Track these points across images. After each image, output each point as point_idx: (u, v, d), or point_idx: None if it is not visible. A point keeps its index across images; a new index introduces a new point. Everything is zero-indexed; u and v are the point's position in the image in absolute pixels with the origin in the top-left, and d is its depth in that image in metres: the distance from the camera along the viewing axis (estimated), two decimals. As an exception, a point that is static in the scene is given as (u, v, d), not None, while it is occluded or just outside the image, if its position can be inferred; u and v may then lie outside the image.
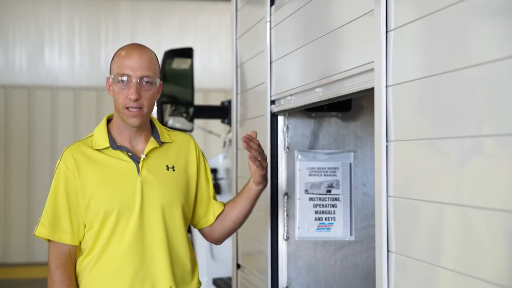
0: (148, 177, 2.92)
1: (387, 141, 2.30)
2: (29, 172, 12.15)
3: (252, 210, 3.15)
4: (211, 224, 3.16)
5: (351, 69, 2.68)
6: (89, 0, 12.64)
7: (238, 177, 4.47)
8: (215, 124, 8.98)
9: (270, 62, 3.72)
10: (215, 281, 6.16)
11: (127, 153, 2.93)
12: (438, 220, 2.02)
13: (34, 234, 2.99)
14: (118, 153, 2.94)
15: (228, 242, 5.44)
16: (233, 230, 3.19)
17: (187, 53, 6.38)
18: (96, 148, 2.95)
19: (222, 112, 7.02)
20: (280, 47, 3.63)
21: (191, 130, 6.44)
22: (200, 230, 3.21)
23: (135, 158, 2.93)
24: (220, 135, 7.47)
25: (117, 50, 2.96)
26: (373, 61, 2.39)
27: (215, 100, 10.81)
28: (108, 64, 2.97)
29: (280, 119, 3.70)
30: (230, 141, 6.13)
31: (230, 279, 5.23)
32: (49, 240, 2.97)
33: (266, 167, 3.08)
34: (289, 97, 3.46)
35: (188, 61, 6.35)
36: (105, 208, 2.88)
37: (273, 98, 3.69)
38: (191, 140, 3.15)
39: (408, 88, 2.19)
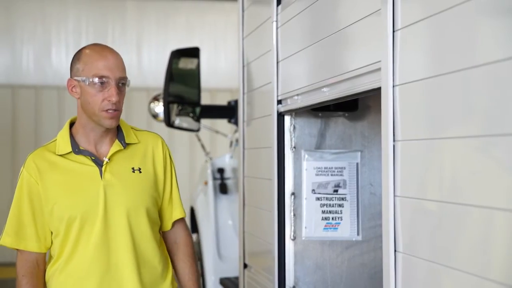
0: (112, 181, 2.86)
1: (394, 140, 2.29)
2: (36, 172, 12.17)
3: None
4: (169, 231, 3.11)
5: (358, 68, 2.68)
6: (96, 0, 12.64)
7: (245, 176, 4.47)
8: (222, 124, 8.98)
9: (277, 62, 3.71)
10: (222, 281, 6.15)
11: (90, 157, 2.87)
12: (445, 220, 2.01)
13: None
14: (80, 157, 2.87)
15: (235, 242, 5.45)
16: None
17: (193, 53, 6.37)
18: (58, 154, 2.89)
19: (228, 111, 7.00)
20: (286, 47, 3.62)
21: (197, 130, 6.43)
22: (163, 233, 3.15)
23: (99, 162, 2.87)
24: (226, 135, 7.46)
25: (83, 50, 2.86)
26: (380, 61, 2.38)
27: (222, 100, 10.79)
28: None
29: (287, 118, 3.70)
30: (236, 140, 6.12)
31: (237, 278, 5.22)
32: (16, 249, 2.93)
33: None
34: (296, 97, 3.46)
35: (195, 61, 6.34)
36: (68, 214, 2.84)
37: (279, 98, 3.69)
38: (158, 140, 3.06)
39: (415, 88, 2.19)
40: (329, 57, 3.04)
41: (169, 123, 6.13)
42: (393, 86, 2.30)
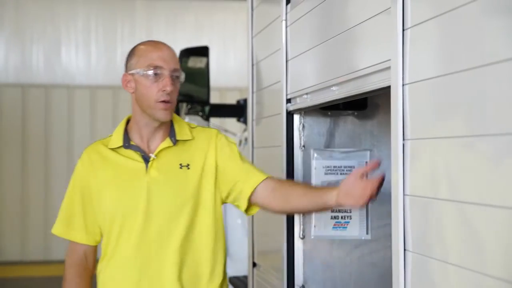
0: (156, 177, 2.83)
1: (403, 139, 2.29)
2: (46, 171, 12.19)
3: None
4: (257, 193, 2.91)
5: (367, 67, 2.67)
6: (105, 0, 12.66)
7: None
8: (231, 123, 8.98)
9: (286, 61, 3.71)
10: (231, 280, 6.16)
11: (139, 152, 2.86)
12: (455, 219, 2.01)
13: (51, 232, 2.98)
14: (129, 152, 2.88)
15: (244, 241, 5.45)
16: (297, 214, 3.01)
17: (203, 51, 6.38)
18: (110, 147, 2.90)
19: (238, 110, 7.01)
20: (296, 46, 3.62)
21: (206, 129, 6.43)
22: (258, 206, 2.97)
23: (146, 158, 2.86)
24: (236, 134, 7.47)
25: (138, 46, 2.88)
26: (389, 60, 2.38)
27: (231, 99, 10.81)
28: (124, 63, 2.92)
29: (296, 117, 3.69)
30: (246, 139, 6.13)
31: (246, 277, 5.22)
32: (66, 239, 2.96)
33: (366, 204, 2.81)
34: (305, 96, 3.45)
35: (204, 59, 6.35)
36: (111, 209, 2.84)
37: (289, 97, 3.68)
38: (212, 133, 3.00)
39: (425, 87, 2.18)
40: (338, 55, 3.03)
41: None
42: (403, 85, 2.29)
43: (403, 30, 2.29)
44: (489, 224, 1.83)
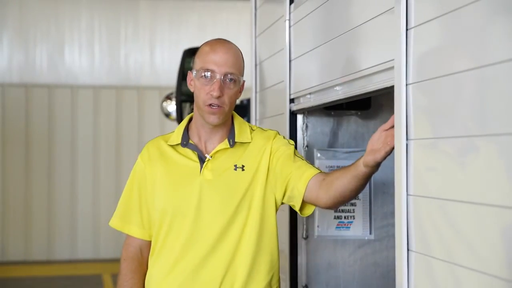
0: (210, 178, 2.80)
1: (407, 139, 2.29)
2: (50, 171, 12.19)
3: (364, 187, 2.79)
4: (309, 192, 2.77)
5: (371, 67, 2.67)
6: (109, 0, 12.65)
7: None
8: (234, 123, 8.99)
9: (290, 61, 3.71)
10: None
11: (196, 152, 2.85)
12: (459, 219, 2.00)
13: (108, 224, 2.99)
14: (186, 151, 2.86)
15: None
16: (344, 199, 2.75)
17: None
18: (170, 144, 2.89)
19: (241, 110, 6.98)
20: (299, 45, 3.62)
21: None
22: (310, 203, 2.84)
23: (202, 158, 2.84)
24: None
25: (202, 45, 2.87)
26: (393, 59, 2.38)
27: (234, 99, 10.80)
28: (127, 63, 2.92)
29: (299, 117, 3.70)
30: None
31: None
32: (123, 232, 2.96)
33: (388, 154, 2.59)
34: (309, 96, 3.45)
35: (207, 59, 6.35)
36: (162, 206, 2.84)
37: (292, 97, 3.68)
38: (270, 135, 2.93)
39: (428, 86, 2.18)
40: (342, 55, 3.03)
41: (180, 122, 6.14)
42: (406, 85, 2.29)
43: (407, 29, 2.29)
44: (493, 225, 1.82)
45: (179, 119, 6.12)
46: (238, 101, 7.43)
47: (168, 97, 7.15)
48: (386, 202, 3.76)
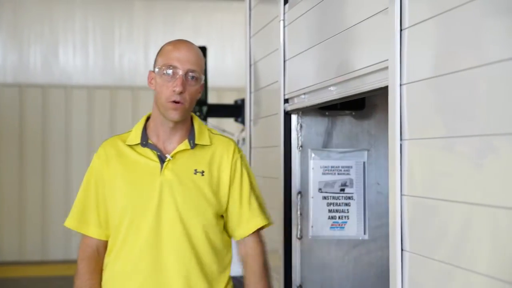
0: (170, 179, 2.78)
1: (401, 139, 2.29)
2: (44, 171, 12.14)
3: None
4: (239, 240, 2.90)
5: (364, 67, 2.67)
6: (102, 0, 12.59)
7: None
8: (229, 123, 8.94)
9: (284, 61, 3.70)
10: (229, 280, 6.11)
11: (156, 152, 2.82)
12: (453, 219, 2.00)
13: (63, 224, 2.94)
14: (146, 150, 2.83)
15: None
16: None
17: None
18: (128, 144, 2.86)
19: (235, 110, 6.98)
20: (293, 46, 3.61)
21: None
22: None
23: (162, 158, 2.81)
24: (233, 134, 7.45)
25: (165, 44, 2.85)
26: (387, 60, 2.38)
27: (229, 99, 10.76)
28: (121, 64, 2.90)
29: (294, 117, 3.68)
30: (243, 139, 6.11)
31: (243, 277, 5.19)
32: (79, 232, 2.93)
33: None
34: (303, 96, 3.45)
35: (202, 60, 6.31)
36: (122, 205, 2.81)
37: (286, 97, 3.67)
38: (230, 145, 2.88)
39: (422, 87, 2.18)
40: (336, 56, 3.03)
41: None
42: (400, 85, 2.29)
43: (401, 30, 2.29)
44: (486, 224, 1.83)
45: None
46: (232, 101, 7.43)
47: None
48: (380, 202, 3.74)
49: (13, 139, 12.09)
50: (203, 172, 2.82)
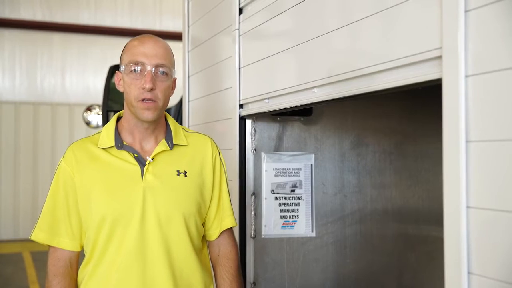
0: (153, 183, 1.80)
1: (466, 141, 1.36)
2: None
3: None
4: (214, 241, 1.99)
5: (313, 80, 1.73)
6: (28, 34, 11.17)
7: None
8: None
9: (239, 68, 2.70)
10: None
11: (133, 154, 1.82)
12: None
13: (30, 238, 1.83)
14: (123, 153, 1.82)
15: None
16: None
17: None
18: (101, 147, 1.83)
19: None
20: (248, 55, 2.62)
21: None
22: (207, 242, 2.02)
23: (141, 161, 1.81)
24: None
25: (129, 40, 1.84)
26: (440, 47, 1.45)
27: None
28: (43, 85, 1.80)
29: (248, 122, 2.70)
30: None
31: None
32: (49, 245, 1.84)
33: None
34: (267, 100, 2.45)
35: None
36: (100, 213, 1.76)
37: (241, 103, 2.68)
38: (208, 142, 1.97)
39: (494, 79, 1.27)
40: (294, 65, 2.07)
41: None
42: (466, 77, 1.37)
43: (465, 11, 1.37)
44: None
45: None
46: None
47: (89, 109, 6.02)
48: (325, 202, 2.86)
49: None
50: (185, 172, 1.86)
